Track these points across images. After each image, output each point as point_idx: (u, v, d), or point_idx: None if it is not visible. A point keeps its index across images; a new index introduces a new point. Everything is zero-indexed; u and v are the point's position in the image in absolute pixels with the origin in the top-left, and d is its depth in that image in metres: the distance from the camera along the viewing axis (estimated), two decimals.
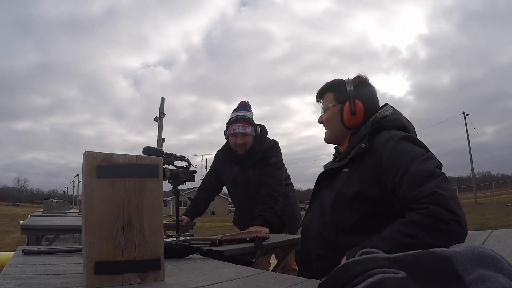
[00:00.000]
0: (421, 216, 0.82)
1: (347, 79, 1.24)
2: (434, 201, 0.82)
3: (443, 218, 0.80)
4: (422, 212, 0.82)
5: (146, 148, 1.52)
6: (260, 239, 1.36)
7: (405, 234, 0.82)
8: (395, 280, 0.44)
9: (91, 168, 0.70)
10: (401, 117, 1.15)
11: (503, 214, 11.86)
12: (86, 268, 0.68)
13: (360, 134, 1.11)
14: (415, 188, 0.87)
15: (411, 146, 1.00)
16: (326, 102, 1.25)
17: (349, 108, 1.16)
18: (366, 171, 1.03)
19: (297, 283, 0.73)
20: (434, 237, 0.79)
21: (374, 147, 1.05)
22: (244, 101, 2.27)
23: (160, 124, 12.58)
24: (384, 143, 1.03)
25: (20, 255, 1.02)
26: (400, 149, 0.99)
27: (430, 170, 0.90)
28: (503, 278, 0.44)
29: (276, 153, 2.22)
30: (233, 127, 2.15)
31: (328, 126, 1.25)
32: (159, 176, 0.76)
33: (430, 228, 0.80)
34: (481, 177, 53.59)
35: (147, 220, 0.74)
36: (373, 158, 1.03)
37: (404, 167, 0.93)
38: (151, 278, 0.73)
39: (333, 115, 1.22)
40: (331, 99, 1.23)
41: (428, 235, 0.80)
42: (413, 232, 0.81)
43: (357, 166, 1.06)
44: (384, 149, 1.01)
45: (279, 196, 2.12)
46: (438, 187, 0.85)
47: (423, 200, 0.84)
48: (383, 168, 0.99)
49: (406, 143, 1.01)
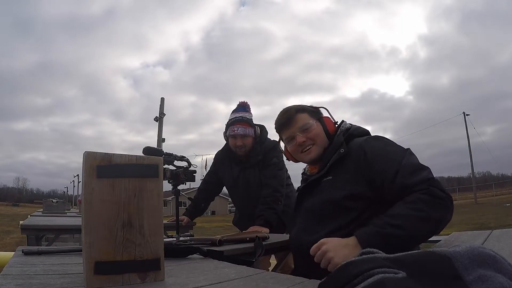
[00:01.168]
0: (424, 195, 0.97)
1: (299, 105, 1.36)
2: (431, 184, 0.99)
3: (440, 196, 0.98)
4: (424, 192, 0.98)
5: (146, 148, 1.52)
6: (260, 239, 1.36)
7: (414, 208, 0.96)
8: (395, 280, 0.43)
9: (91, 168, 0.70)
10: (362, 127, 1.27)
11: (503, 214, 11.87)
12: (86, 268, 0.68)
13: (336, 143, 1.21)
14: (412, 177, 1.02)
15: (390, 143, 1.15)
16: (304, 122, 1.28)
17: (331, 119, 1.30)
18: (350, 172, 1.13)
19: (297, 283, 0.73)
20: (436, 210, 0.96)
21: (352, 149, 1.16)
22: (243, 102, 2.26)
23: (160, 124, 12.59)
24: (363, 144, 1.14)
25: (20, 255, 1.02)
26: (382, 146, 1.13)
27: (418, 163, 1.07)
28: (503, 278, 0.44)
29: (277, 153, 2.21)
30: (232, 128, 2.15)
31: (316, 142, 1.27)
32: (159, 176, 0.76)
33: (432, 203, 0.96)
34: (481, 177, 53.70)
35: (147, 220, 0.74)
36: (354, 159, 1.13)
37: (394, 161, 1.06)
38: (151, 278, 0.73)
39: (319, 130, 1.27)
40: (308, 117, 1.29)
41: (431, 209, 0.95)
42: (420, 206, 0.96)
43: (340, 171, 1.16)
44: (366, 147, 1.13)
45: (281, 197, 2.12)
46: (431, 175, 1.03)
47: (422, 184, 0.99)
48: (369, 164, 1.10)
49: (384, 141, 1.16)
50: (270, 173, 2.16)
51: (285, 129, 1.31)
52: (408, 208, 0.97)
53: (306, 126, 1.27)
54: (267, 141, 2.24)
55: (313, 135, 1.26)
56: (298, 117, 1.29)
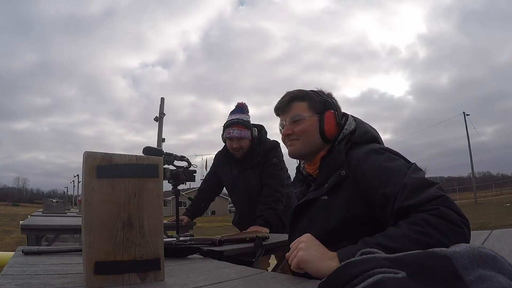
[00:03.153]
0: (432, 217, 0.79)
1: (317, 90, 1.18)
2: (442, 203, 0.80)
3: (453, 220, 0.78)
4: (432, 213, 0.79)
5: (146, 148, 1.52)
6: (260, 239, 1.36)
7: (417, 231, 0.78)
8: (395, 280, 0.43)
9: (91, 168, 0.70)
10: (368, 128, 1.12)
11: (503, 214, 11.86)
12: (86, 268, 0.68)
13: (337, 159, 1.05)
14: (418, 195, 0.84)
15: (392, 158, 0.98)
16: (298, 112, 1.14)
17: (334, 118, 1.11)
18: (347, 194, 0.99)
19: (297, 283, 0.73)
20: (446, 236, 0.77)
21: (351, 164, 1.01)
22: (240, 103, 2.26)
23: (160, 124, 12.58)
24: (362, 160, 0.99)
25: (20, 255, 1.02)
26: (383, 162, 0.96)
27: (425, 179, 0.88)
28: (503, 278, 0.44)
29: (277, 153, 2.22)
30: (228, 131, 2.15)
31: (301, 139, 1.13)
32: (159, 176, 0.77)
33: (442, 227, 0.77)
34: (481, 177, 53.65)
35: (147, 220, 0.74)
36: (352, 179, 0.99)
37: (395, 180, 0.90)
38: (151, 278, 0.74)
39: (310, 126, 1.12)
40: (305, 108, 1.14)
41: (440, 234, 0.77)
42: (424, 229, 0.78)
43: (337, 192, 1.01)
44: (364, 165, 0.98)
45: (281, 197, 2.12)
46: (441, 192, 0.83)
47: (431, 202, 0.81)
48: (367, 184, 0.95)
49: (386, 155, 0.99)
50: (270, 173, 2.16)
51: (280, 115, 1.20)
52: (410, 230, 0.79)
53: (296, 118, 1.13)
54: (267, 142, 2.24)
55: (300, 130, 1.13)
56: (293, 105, 1.16)
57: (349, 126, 1.11)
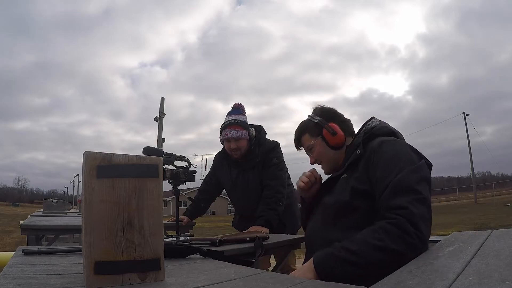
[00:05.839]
0: (389, 225, 0.92)
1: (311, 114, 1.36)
2: (403, 215, 0.92)
3: (407, 231, 0.90)
4: (391, 222, 0.92)
5: (146, 148, 1.52)
6: (260, 239, 1.36)
7: (374, 237, 0.92)
8: None
9: (91, 168, 0.70)
10: (389, 126, 1.25)
11: (503, 214, 11.86)
12: (86, 268, 0.68)
13: (355, 143, 1.22)
14: (393, 198, 0.97)
15: (402, 151, 1.09)
16: (307, 144, 1.34)
17: (328, 132, 1.28)
18: (360, 171, 1.13)
19: (297, 283, 0.73)
20: (397, 244, 0.89)
21: (367, 150, 1.14)
22: (237, 104, 2.25)
23: (160, 124, 12.58)
24: (377, 146, 1.12)
25: (20, 255, 1.02)
26: (392, 152, 1.08)
27: (412, 185, 0.98)
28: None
29: (277, 154, 2.21)
30: (226, 132, 2.15)
31: (323, 160, 1.32)
32: (159, 176, 0.76)
33: (395, 236, 0.90)
34: (481, 177, 53.64)
35: (147, 220, 0.74)
36: (366, 160, 1.13)
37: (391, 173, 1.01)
38: (151, 278, 0.73)
39: (320, 148, 1.31)
40: (309, 138, 1.34)
41: (392, 242, 0.89)
42: (380, 236, 0.91)
43: (353, 170, 1.16)
44: (377, 151, 1.11)
45: (282, 198, 2.12)
46: (411, 204, 0.94)
47: (395, 211, 0.93)
48: (374, 168, 1.08)
49: (397, 148, 1.10)
50: (271, 174, 2.16)
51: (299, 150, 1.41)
52: (368, 235, 0.93)
53: (309, 147, 1.34)
54: (267, 142, 2.23)
55: (316, 155, 1.32)
56: (302, 140, 1.37)
57: (371, 123, 1.25)
